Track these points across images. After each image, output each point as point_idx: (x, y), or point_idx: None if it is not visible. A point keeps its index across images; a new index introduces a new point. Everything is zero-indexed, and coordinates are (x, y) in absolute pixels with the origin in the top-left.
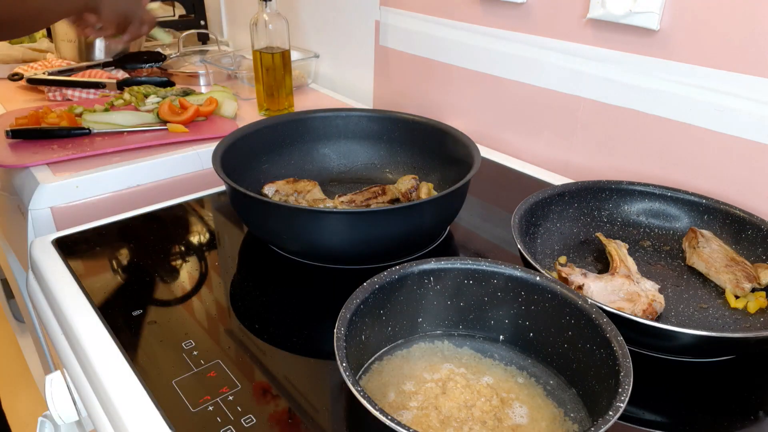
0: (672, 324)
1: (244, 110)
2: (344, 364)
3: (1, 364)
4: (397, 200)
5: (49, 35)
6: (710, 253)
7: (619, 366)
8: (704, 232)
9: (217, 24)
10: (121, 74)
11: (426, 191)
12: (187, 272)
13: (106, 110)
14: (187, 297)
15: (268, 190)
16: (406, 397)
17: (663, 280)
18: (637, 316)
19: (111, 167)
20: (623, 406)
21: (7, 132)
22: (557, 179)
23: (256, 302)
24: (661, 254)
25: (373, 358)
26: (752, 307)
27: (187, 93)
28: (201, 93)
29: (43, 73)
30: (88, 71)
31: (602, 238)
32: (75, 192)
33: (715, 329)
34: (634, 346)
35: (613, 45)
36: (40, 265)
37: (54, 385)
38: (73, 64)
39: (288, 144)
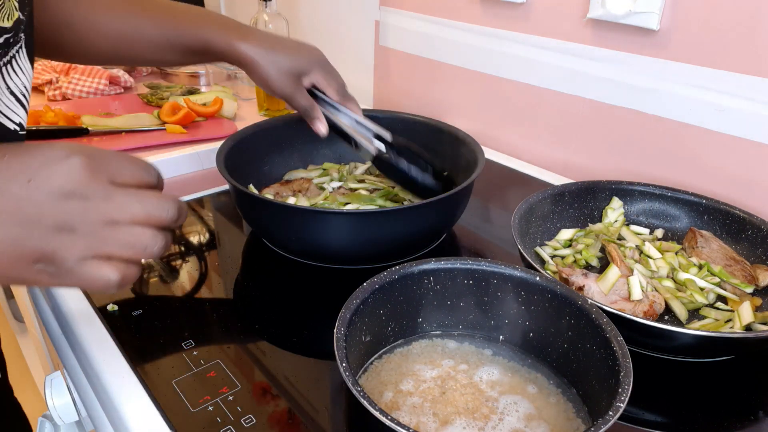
0: (672, 324)
1: (244, 110)
2: (344, 364)
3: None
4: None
5: None
6: (709, 253)
7: (619, 366)
8: (704, 232)
9: None
10: (122, 73)
11: None
12: (187, 272)
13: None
14: (187, 297)
15: (267, 194)
16: (403, 396)
17: None
18: (638, 317)
19: None
20: (623, 406)
21: None
22: (557, 179)
23: (256, 302)
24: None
25: (373, 358)
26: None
27: (191, 92)
28: (206, 92)
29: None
30: (88, 69)
31: (603, 238)
32: None
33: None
34: (634, 346)
35: (613, 45)
36: None
37: (54, 385)
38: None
39: (288, 145)
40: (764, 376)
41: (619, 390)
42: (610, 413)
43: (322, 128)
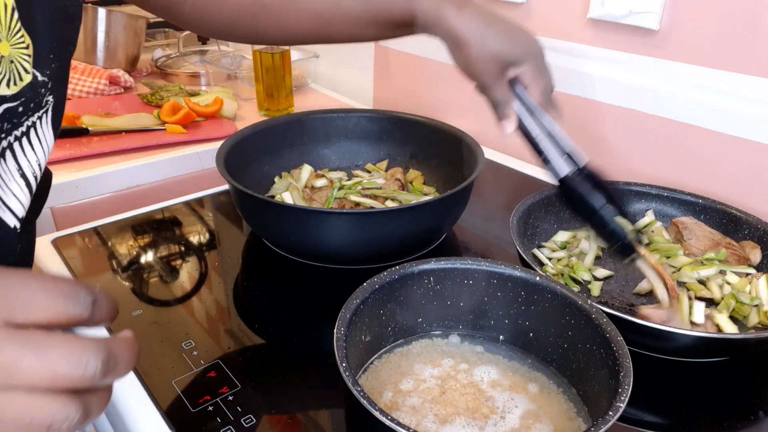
0: (672, 325)
1: (244, 110)
2: (344, 364)
3: None
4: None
5: None
6: (697, 243)
7: (619, 366)
8: (684, 220)
9: None
10: (122, 73)
11: (413, 176)
12: (187, 272)
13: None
14: (187, 297)
15: (286, 196)
16: (403, 396)
17: None
18: (637, 318)
19: (111, 167)
20: (623, 406)
21: None
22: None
23: (256, 302)
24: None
25: (373, 358)
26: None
27: (192, 93)
28: (207, 93)
29: None
30: (88, 69)
31: (642, 252)
32: (75, 192)
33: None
34: (634, 346)
35: (613, 45)
36: (41, 265)
37: None
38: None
39: (288, 145)
40: (764, 377)
41: (619, 390)
42: (610, 413)
43: (509, 127)
